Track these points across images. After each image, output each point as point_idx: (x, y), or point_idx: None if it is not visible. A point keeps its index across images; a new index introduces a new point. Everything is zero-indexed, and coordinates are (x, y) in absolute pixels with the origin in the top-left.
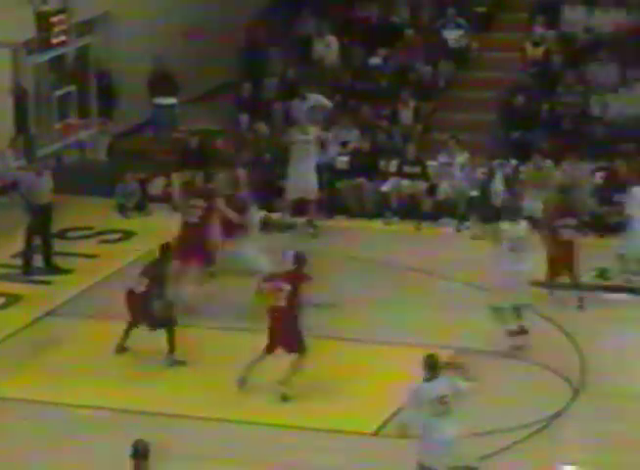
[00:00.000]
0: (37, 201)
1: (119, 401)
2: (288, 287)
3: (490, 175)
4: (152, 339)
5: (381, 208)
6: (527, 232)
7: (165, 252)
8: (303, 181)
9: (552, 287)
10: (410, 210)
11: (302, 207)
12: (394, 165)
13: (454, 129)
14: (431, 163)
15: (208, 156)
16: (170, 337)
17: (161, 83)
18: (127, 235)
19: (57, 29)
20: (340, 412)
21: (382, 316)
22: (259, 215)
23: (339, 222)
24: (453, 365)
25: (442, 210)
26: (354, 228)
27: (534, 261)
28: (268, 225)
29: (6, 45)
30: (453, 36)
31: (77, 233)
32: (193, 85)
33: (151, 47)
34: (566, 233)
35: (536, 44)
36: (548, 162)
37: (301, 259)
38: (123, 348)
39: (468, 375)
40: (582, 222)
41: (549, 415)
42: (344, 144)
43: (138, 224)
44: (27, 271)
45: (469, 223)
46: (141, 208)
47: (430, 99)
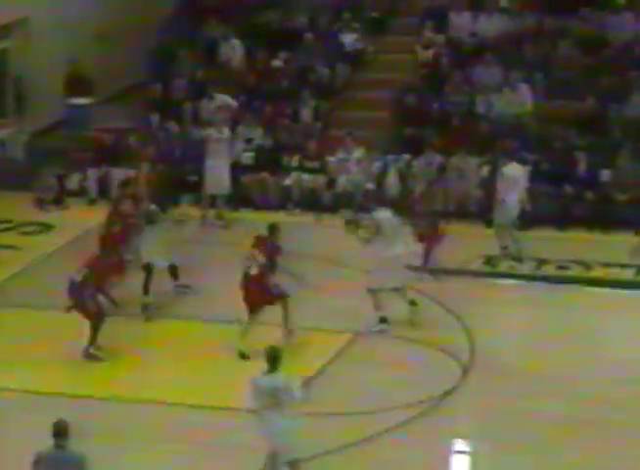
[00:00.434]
0: None
1: (39, 385)
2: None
3: (385, 169)
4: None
5: (283, 200)
6: (398, 219)
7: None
8: (217, 177)
9: (437, 272)
10: (311, 202)
11: (213, 201)
12: (296, 161)
13: (351, 127)
14: (329, 158)
15: (121, 153)
16: None
17: (76, 84)
18: (46, 228)
19: None
20: None
21: None
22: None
23: (244, 214)
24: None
25: (341, 201)
26: (259, 220)
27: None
28: (153, 219)
29: None
30: (349, 40)
31: None
32: (106, 86)
33: (66, 50)
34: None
35: (426, 47)
36: (437, 156)
37: (275, 229)
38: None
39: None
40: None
41: (441, 392)
42: (249, 141)
43: (56, 218)
44: None
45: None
46: (58, 202)
47: (328, 99)
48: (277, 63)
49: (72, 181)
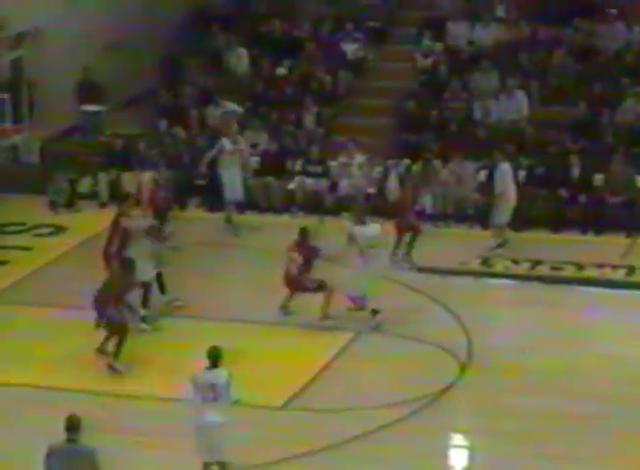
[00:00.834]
0: None
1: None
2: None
3: (386, 174)
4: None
5: (287, 204)
6: (379, 232)
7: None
8: (234, 185)
9: (441, 273)
10: (314, 205)
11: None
12: (299, 165)
13: (353, 133)
14: (332, 162)
15: (131, 157)
16: None
17: (88, 91)
18: (59, 230)
19: None
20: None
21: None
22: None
23: (250, 218)
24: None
25: (343, 205)
26: (264, 223)
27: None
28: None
29: None
30: (351, 48)
31: (12, 228)
32: (116, 93)
33: (78, 58)
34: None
35: (425, 56)
36: (436, 161)
37: (306, 233)
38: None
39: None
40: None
41: (439, 389)
42: (255, 146)
43: (68, 220)
44: None
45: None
46: (71, 205)
47: (330, 105)
48: (281, 70)
49: (84, 185)
